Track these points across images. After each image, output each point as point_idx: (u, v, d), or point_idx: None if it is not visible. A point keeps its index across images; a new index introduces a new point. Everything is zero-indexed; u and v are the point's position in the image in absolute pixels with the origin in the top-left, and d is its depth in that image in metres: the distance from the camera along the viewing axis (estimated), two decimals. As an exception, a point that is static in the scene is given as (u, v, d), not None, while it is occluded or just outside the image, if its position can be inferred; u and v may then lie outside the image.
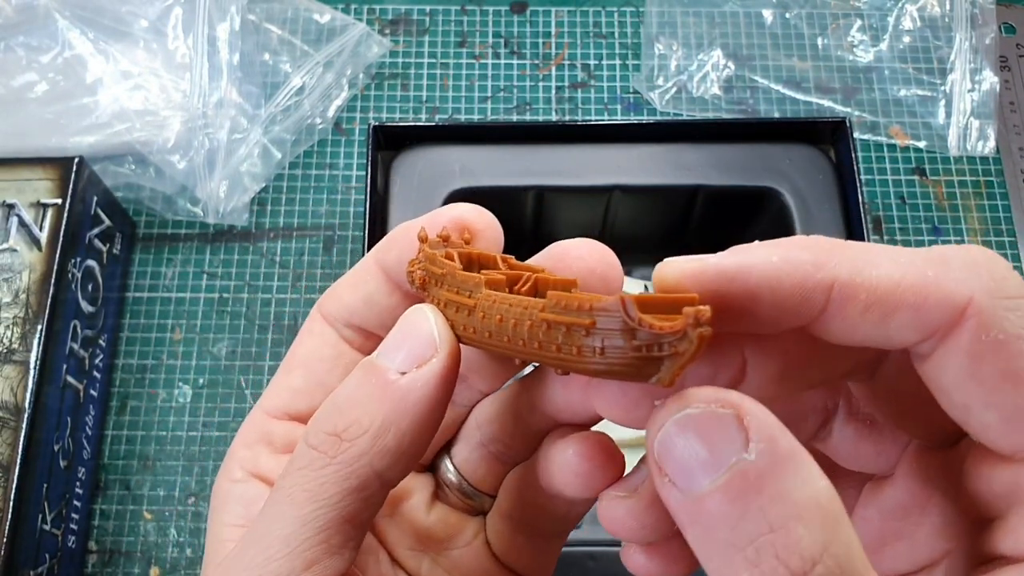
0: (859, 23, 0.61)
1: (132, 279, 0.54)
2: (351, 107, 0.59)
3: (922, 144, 0.58)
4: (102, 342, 0.51)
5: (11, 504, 0.41)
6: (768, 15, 0.61)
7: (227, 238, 0.55)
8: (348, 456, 0.19)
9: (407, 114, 0.59)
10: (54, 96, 0.54)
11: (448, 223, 0.22)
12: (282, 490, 0.19)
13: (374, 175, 0.47)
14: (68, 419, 0.47)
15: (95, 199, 0.50)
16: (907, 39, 0.60)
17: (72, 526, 0.47)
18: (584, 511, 0.24)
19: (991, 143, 0.57)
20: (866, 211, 0.46)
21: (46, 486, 0.44)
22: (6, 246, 0.46)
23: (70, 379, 0.47)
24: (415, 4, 0.62)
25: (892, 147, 0.58)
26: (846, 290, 0.17)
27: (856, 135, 0.57)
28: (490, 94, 0.60)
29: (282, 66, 0.58)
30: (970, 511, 0.19)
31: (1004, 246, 0.55)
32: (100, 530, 0.49)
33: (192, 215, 0.55)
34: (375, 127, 0.47)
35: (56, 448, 0.45)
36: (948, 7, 0.60)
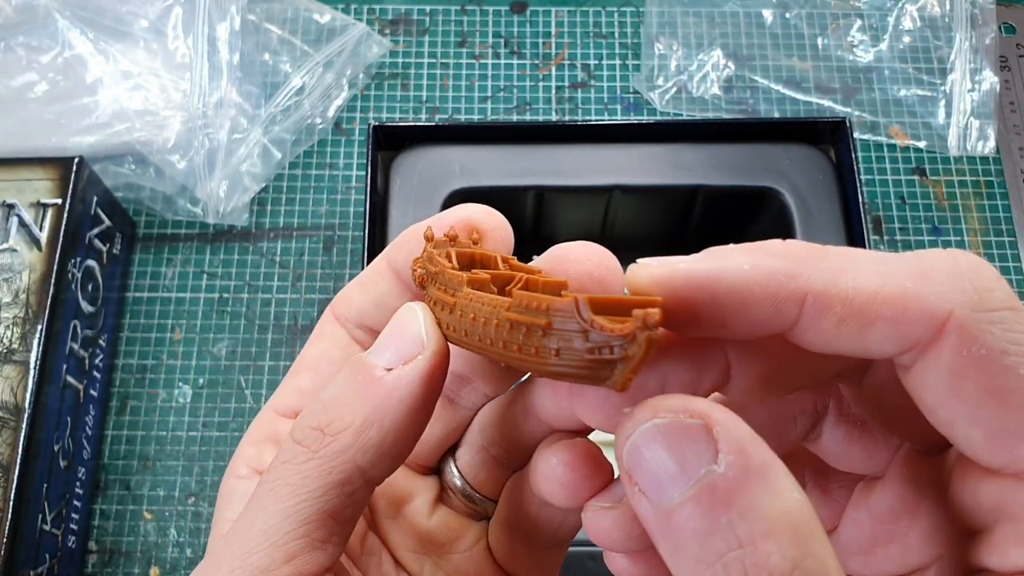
0: (859, 23, 0.61)
1: (132, 279, 0.54)
2: (351, 107, 0.59)
3: (922, 144, 0.58)
4: (102, 342, 0.51)
5: (11, 504, 0.41)
6: (768, 15, 0.61)
7: (227, 238, 0.55)
8: (330, 451, 0.19)
9: (407, 114, 0.59)
10: (54, 96, 0.54)
11: (456, 223, 0.22)
12: (265, 484, 0.19)
13: (374, 175, 0.47)
14: (68, 419, 0.47)
15: (95, 199, 0.50)
16: (907, 39, 0.60)
17: (72, 526, 0.47)
18: (578, 524, 0.23)
19: (991, 143, 0.57)
20: (866, 211, 0.46)
21: (46, 486, 0.44)
22: (6, 246, 0.46)
23: (70, 379, 0.47)
24: (415, 4, 0.62)
25: (892, 147, 0.58)
26: (820, 301, 0.16)
27: (856, 135, 0.57)
28: (490, 94, 0.59)
29: (282, 66, 0.58)
30: (957, 520, 0.18)
31: (1004, 246, 0.55)
32: (100, 530, 0.49)
33: (192, 215, 0.55)
34: (375, 127, 0.47)
35: (56, 448, 0.45)
36: (948, 7, 0.60)
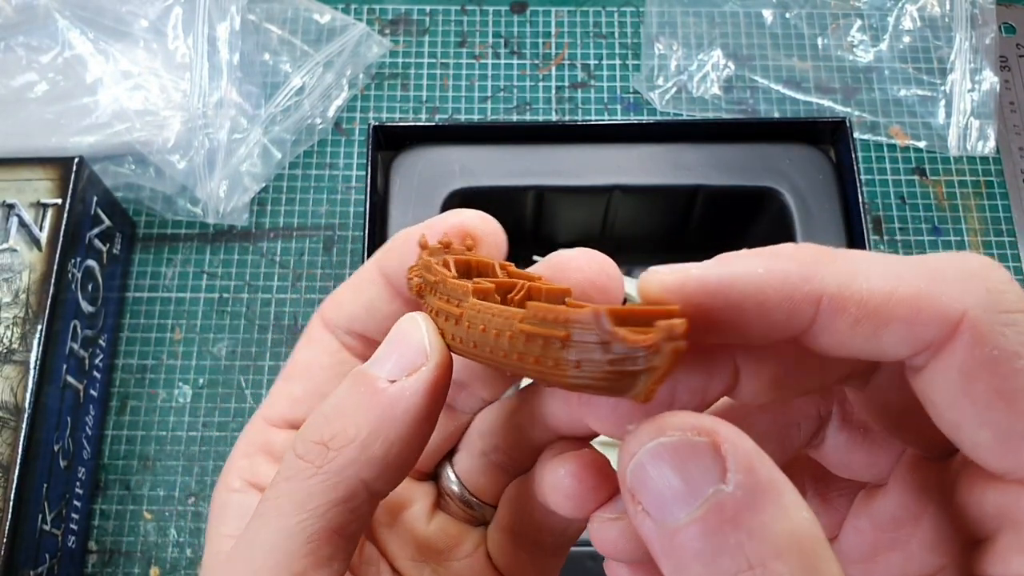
0: (859, 23, 0.61)
1: (132, 279, 0.54)
2: (351, 107, 0.59)
3: (922, 144, 0.58)
4: (102, 342, 0.51)
5: (11, 504, 0.41)
6: (768, 15, 0.61)
7: (227, 238, 0.55)
8: (335, 466, 0.18)
9: (407, 114, 0.59)
10: (54, 96, 0.54)
11: (449, 229, 0.21)
12: (269, 501, 0.19)
13: (374, 175, 0.47)
14: (68, 419, 0.47)
15: (95, 199, 0.50)
16: (907, 39, 0.60)
17: (72, 526, 0.47)
18: (582, 528, 0.23)
19: (991, 143, 0.57)
20: (866, 211, 0.46)
21: (46, 486, 0.44)
22: (6, 246, 0.46)
23: (70, 379, 0.47)
24: (415, 4, 0.62)
25: (892, 147, 0.58)
26: (835, 303, 0.16)
27: (856, 135, 0.57)
28: (490, 94, 0.59)
29: (282, 66, 0.58)
30: (961, 528, 0.18)
31: (1004, 246, 0.55)
32: (100, 530, 0.49)
33: (192, 215, 0.55)
34: (375, 127, 0.47)
35: (56, 448, 0.45)
36: (948, 7, 0.60)
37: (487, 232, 0.22)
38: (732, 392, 0.18)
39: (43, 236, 0.46)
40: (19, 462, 0.42)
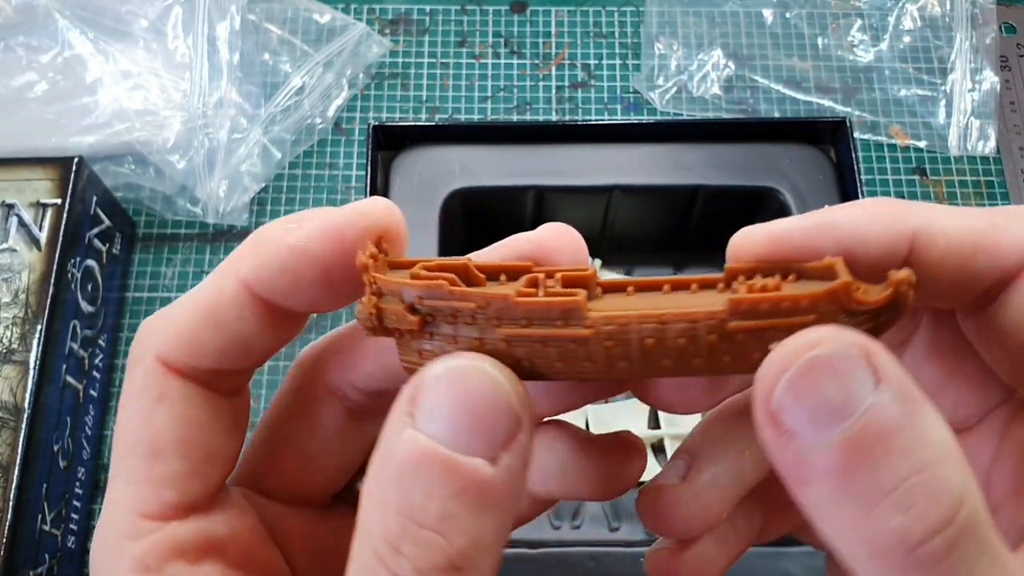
0: (859, 23, 0.61)
1: (132, 279, 0.54)
2: (351, 107, 0.59)
3: (922, 144, 0.58)
4: (102, 342, 0.51)
5: (11, 504, 0.41)
6: (768, 15, 0.61)
7: (227, 238, 0.55)
8: None
9: (407, 114, 0.59)
10: (54, 96, 0.54)
11: (364, 232, 0.17)
12: None
13: (374, 175, 0.47)
14: (68, 419, 0.47)
15: (95, 199, 0.50)
16: (907, 39, 0.60)
17: (72, 526, 0.47)
18: (531, 514, 0.22)
19: (991, 143, 0.57)
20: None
21: (46, 486, 0.44)
22: (6, 246, 0.46)
23: (70, 379, 0.47)
24: (415, 4, 0.62)
25: (892, 147, 0.58)
26: (925, 237, 0.17)
27: (856, 135, 0.57)
28: (490, 94, 0.59)
29: (282, 66, 0.58)
30: None
31: (1004, 246, 0.55)
32: (100, 530, 0.49)
33: (192, 215, 0.55)
34: (375, 127, 0.47)
35: (56, 448, 0.45)
36: (948, 7, 0.60)
37: (396, 222, 0.18)
38: None
39: (43, 236, 0.46)
40: (19, 462, 0.42)
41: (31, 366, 0.44)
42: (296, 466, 0.22)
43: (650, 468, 0.42)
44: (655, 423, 0.48)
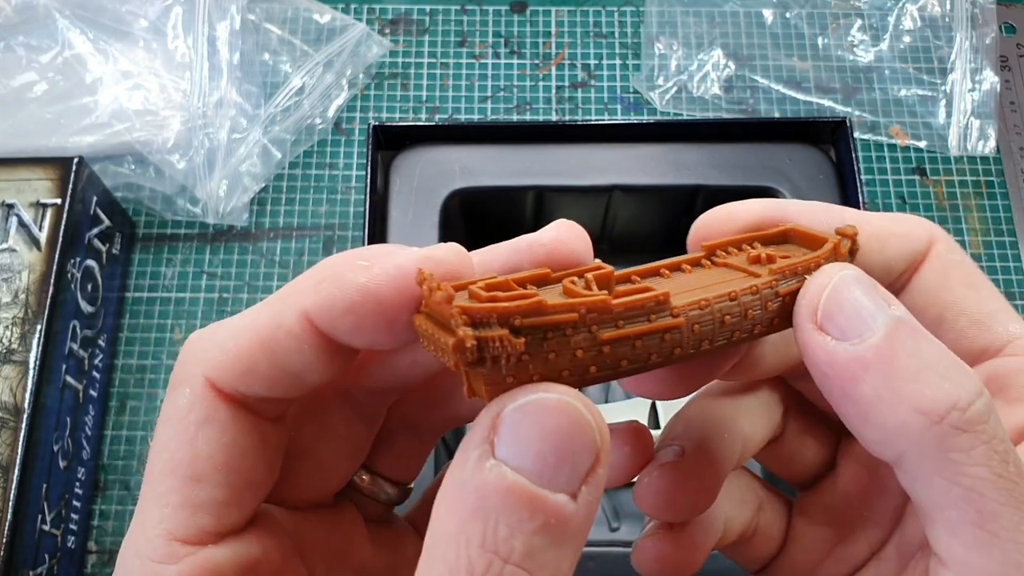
0: (859, 23, 0.60)
1: (132, 279, 0.54)
2: (351, 107, 0.59)
3: (922, 144, 0.58)
4: (101, 342, 0.51)
5: (11, 504, 0.41)
6: (768, 15, 0.61)
7: (227, 238, 0.55)
8: None
9: (407, 114, 0.59)
10: (54, 96, 0.54)
11: (435, 265, 0.17)
12: None
13: (374, 175, 0.47)
14: (67, 419, 0.47)
15: (94, 199, 0.50)
16: (907, 39, 0.60)
17: (71, 526, 0.47)
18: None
19: (991, 143, 0.57)
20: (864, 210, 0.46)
21: (45, 486, 0.44)
22: (5, 246, 0.46)
23: (69, 379, 0.47)
24: (415, 4, 0.62)
25: (892, 147, 0.58)
26: (854, 223, 0.20)
27: (856, 135, 0.57)
28: (490, 94, 0.59)
29: (282, 66, 0.58)
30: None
31: (1004, 246, 0.55)
32: (99, 530, 0.49)
33: (192, 215, 0.55)
34: (375, 127, 0.47)
35: (55, 448, 0.45)
36: (948, 7, 0.60)
37: (470, 271, 0.18)
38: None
39: (42, 236, 0.46)
40: (19, 462, 0.42)
41: (31, 366, 0.44)
42: (308, 471, 0.22)
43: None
44: (655, 423, 0.48)
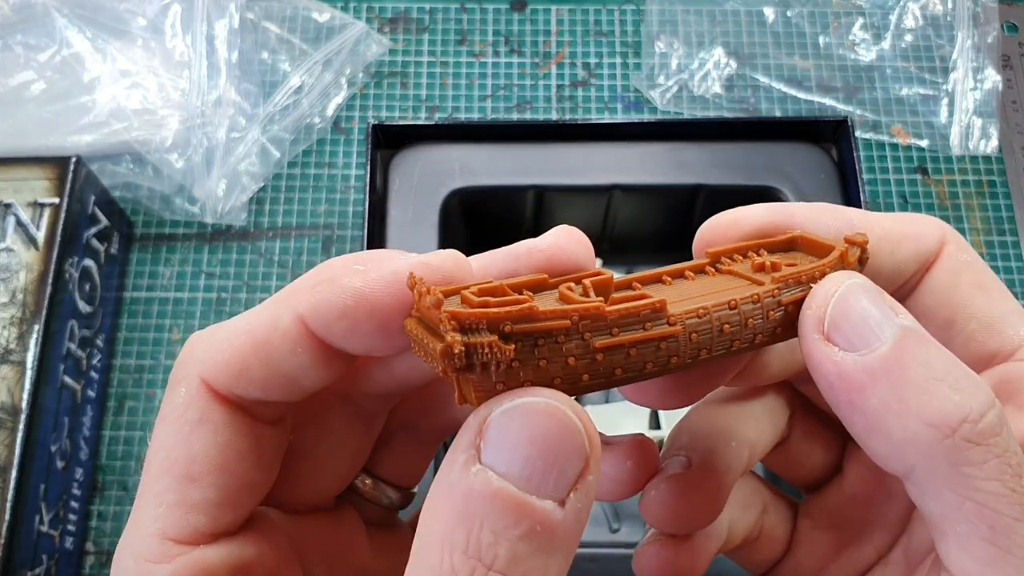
0: (861, 21, 0.60)
1: (130, 279, 0.54)
2: (350, 106, 0.59)
3: (924, 143, 0.57)
4: (99, 342, 0.51)
5: (8, 505, 0.41)
6: (769, 13, 0.61)
7: (225, 237, 0.55)
8: None
9: (406, 113, 0.59)
10: (52, 95, 0.54)
11: (431, 273, 0.17)
12: None
13: (373, 174, 0.47)
14: (65, 420, 0.46)
15: (92, 199, 0.50)
16: (909, 38, 0.60)
17: (69, 527, 0.47)
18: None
19: (993, 142, 0.57)
20: (868, 210, 0.46)
21: (43, 487, 0.44)
22: (3, 246, 0.46)
23: (67, 380, 0.47)
24: (414, 2, 0.62)
25: (894, 146, 0.58)
26: (863, 228, 0.20)
27: (858, 134, 0.57)
28: (490, 93, 0.59)
29: (281, 65, 0.58)
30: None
31: (1006, 245, 0.55)
32: (97, 531, 0.49)
33: (190, 214, 0.55)
34: (374, 126, 0.47)
35: (53, 449, 0.45)
36: (950, 6, 0.60)
37: (466, 276, 0.18)
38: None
39: (40, 236, 0.46)
40: (16, 463, 0.42)
41: (28, 366, 0.44)
42: (307, 473, 0.21)
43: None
44: (656, 423, 0.48)
